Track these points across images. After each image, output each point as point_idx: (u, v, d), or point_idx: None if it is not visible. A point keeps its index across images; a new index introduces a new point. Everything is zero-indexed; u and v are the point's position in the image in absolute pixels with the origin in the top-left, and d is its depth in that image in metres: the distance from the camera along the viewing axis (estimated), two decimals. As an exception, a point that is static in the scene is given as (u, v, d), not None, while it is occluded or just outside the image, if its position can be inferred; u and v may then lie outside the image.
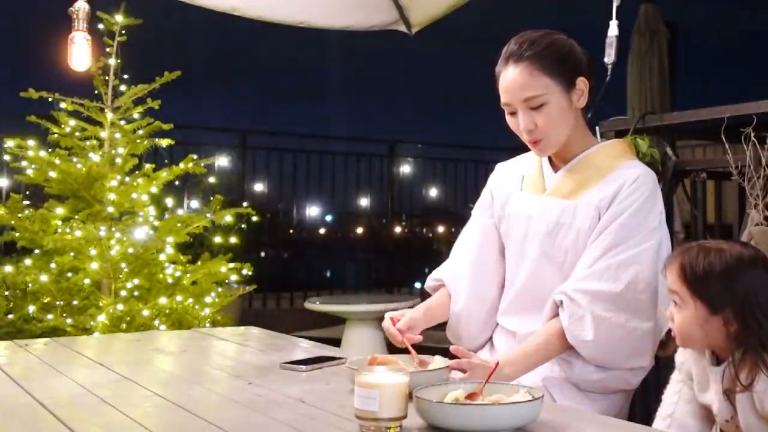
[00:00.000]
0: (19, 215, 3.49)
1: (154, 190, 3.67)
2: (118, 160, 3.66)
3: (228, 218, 3.74)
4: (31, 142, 3.58)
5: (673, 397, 1.63)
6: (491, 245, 2.07)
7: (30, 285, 3.35)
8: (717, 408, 1.53)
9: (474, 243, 2.08)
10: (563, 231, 1.89)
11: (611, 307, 1.76)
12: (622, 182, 1.86)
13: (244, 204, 4.09)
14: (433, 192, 8.56)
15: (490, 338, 2.07)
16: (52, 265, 3.41)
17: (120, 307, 3.29)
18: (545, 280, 1.91)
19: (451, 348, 1.72)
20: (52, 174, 3.53)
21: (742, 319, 1.45)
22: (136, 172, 3.72)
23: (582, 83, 1.89)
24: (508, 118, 1.92)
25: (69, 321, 3.27)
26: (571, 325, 1.79)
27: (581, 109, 1.95)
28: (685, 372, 1.63)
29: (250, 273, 3.81)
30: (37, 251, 3.52)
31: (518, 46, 1.87)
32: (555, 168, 1.98)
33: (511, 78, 1.86)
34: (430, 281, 2.13)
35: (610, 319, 1.75)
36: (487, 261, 2.06)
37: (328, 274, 9.03)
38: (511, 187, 2.04)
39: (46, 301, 3.37)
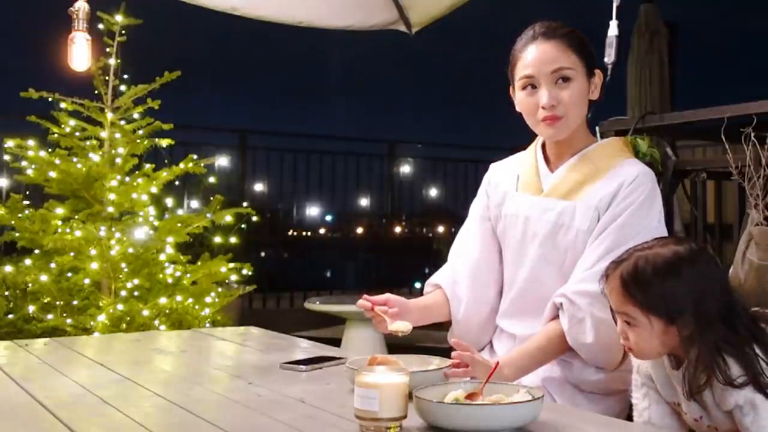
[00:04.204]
0: (19, 215, 3.49)
1: (154, 190, 3.67)
2: (118, 160, 3.66)
3: (228, 218, 3.74)
4: (31, 142, 3.58)
5: (643, 402, 1.60)
6: (490, 248, 2.06)
7: (30, 285, 3.35)
8: (686, 407, 1.52)
9: (472, 247, 2.07)
10: (562, 232, 1.88)
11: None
12: (621, 181, 1.85)
13: (244, 204, 4.10)
14: (433, 192, 8.56)
15: (490, 341, 2.07)
16: (52, 265, 3.41)
17: (120, 307, 3.29)
18: (545, 281, 1.90)
19: (452, 341, 1.71)
20: (52, 174, 3.53)
21: (696, 321, 1.42)
22: (136, 172, 3.72)
23: (598, 76, 1.92)
24: (524, 97, 1.90)
25: (69, 321, 3.27)
26: (571, 328, 1.79)
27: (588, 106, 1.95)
28: (644, 375, 1.60)
29: (250, 273, 3.81)
30: (37, 251, 3.52)
31: (546, 27, 1.89)
32: (551, 167, 1.97)
33: (542, 51, 1.87)
34: (428, 287, 2.10)
35: (609, 321, 1.74)
36: (486, 264, 2.04)
37: (328, 274, 9.03)
38: (507, 187, 2.03)
39: (46, 301, 3.37)
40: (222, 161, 7.04)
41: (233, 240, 3.95)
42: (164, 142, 3.77)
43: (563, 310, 1.80)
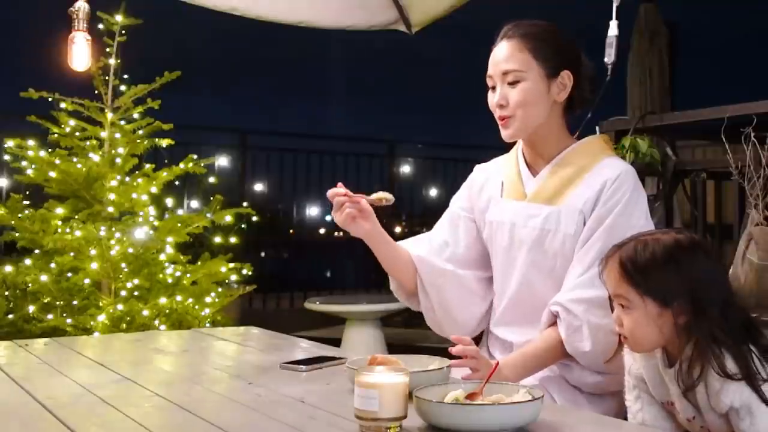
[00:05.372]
0: (19, 215, 3.49)
1: (154, 190, 3.67)
2: (118, 160, 3.66)
3: (228, 218, 3.74)
4: (31, 142, 3.58)
5: (636, 404, 1.60)
6: (472, 240, 2.04)
7: (30, 285, 3.35)
8: (678, 407, 1.51)
9: (455, 236, 2.05)
10: (549, 237, 1.87)
11: (606, 312, 1.69)
12: (603, 182, 1.84)
13: (244, 204, 4.09)
14: (433, 192, 8.56)
15: (480, 340, 2.06)
16: (52, 265, 3.41)
17: (120, 307, 3.29)
18: (536, 288, 1.89)
19: (453, 337, 1.70)
20: (52, 174, 3.53)
21: (693, 308, 1.42)
22: (136, 172, 3.72)
23: (566, 77, 1.89)
24: (489, 95, 1.93)
25: (69, 321, 3.27)
26: (569, 336, 1.78)
27: (563, 108, 1.92)
28: (635, 376, 1.60)
29: (250, 273, 3.81)
30: (37, 251, 3.52)
31: (514, 26, 1.91)
32: (533, 172, 1.96)
33: (499, 51, 1.90)
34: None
35: (606, 327, 1.72)
36: (467, 256, 2.03)
37: (328, 274, 9.02)
38: (491, 193, 2.02)
39: (46, 301, 3.37)
40: (222, 161, 7.04)
41: (233, 240, 3.95)
42: (164, 142, 3.78)
43: (560, 319, 1.80)
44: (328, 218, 9.34)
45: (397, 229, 8.22)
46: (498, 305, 2.00)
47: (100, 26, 3.64)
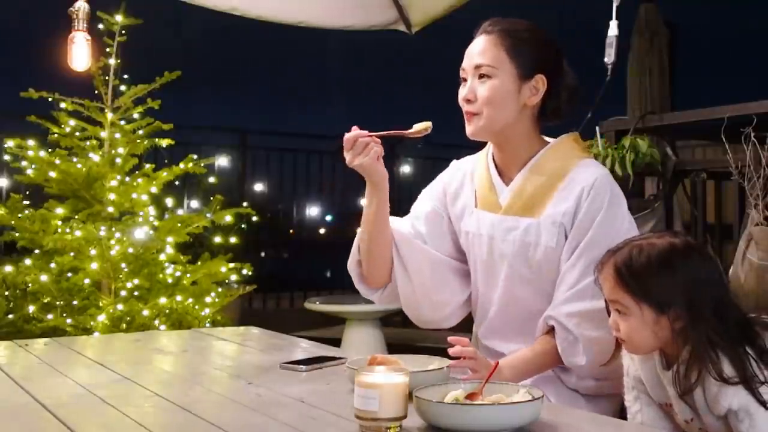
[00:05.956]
0: (19, 215, 3.49)
1: (154, 190, 3.67)
2: (118, 160, 3.67)
3: (228, 218, 3.74)
4: (31, 142, 3.58)
5: (635, 405, 1.59)
6: (450, 239, 2.02)
7: (30, 285, 3.35)
8: (676, 409, 1.51)
9: (434, 234, 2.01)
10: (531, 249, 1.84)
11: (600, 324, 1.68)
12: (580, 191, 1.80)
13: (244, 204, 4.10)
14: (433, 192, 8.55)
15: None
16: (52, 265, 3.41)
17: (120, 307, 3.29)
18: (522, 298, 1.88)
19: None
20: (52, 174, 3.53)
21: (689, 313, 1.42)
22: (136, 172, 3.72)
23: (540, 81, 1.84)
24: (460, 89, 1.89)
25: (69, 321, 3.27)
26: (565, 349, 1.78)
27: (535, 114, 1.88)
28: (633, 377, 1.59)
29: (250, 273, 3.81)
30: (37, 251, 3.52)
31: (494, 21, 1.88)
32: (505, 178, 1.91)
33: (474, 45, 1.87)
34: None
35: (600, 338, 1.71)
36: (445, 252, 2.01)
37: (328, 274, 9.02)
38: (465, 201, 1.98)
39: (46, 301, 3.38)
40: (222, 161, 7.04)
41: (233, 240, 3.95)
42: (164, 142, 3.78)
43: (556, 333, 1.79)
44: (328, 218, 9.34)
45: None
46: (484, 316, 1.97)
47: (100, 26, 3.64)
